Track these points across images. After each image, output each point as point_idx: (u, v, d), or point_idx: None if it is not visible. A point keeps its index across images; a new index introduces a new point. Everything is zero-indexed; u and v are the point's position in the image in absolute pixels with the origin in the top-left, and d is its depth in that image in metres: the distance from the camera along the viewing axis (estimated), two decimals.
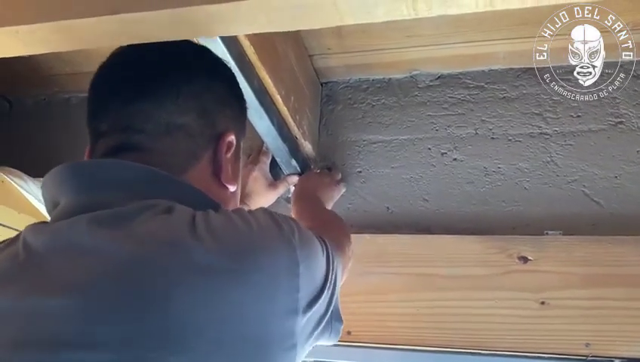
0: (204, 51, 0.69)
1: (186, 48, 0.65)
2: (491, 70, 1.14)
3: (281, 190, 1.11)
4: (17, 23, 0.55)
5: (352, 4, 0.46)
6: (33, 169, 1.14)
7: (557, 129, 1.07)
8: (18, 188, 1.03)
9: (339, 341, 1.02)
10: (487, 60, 1.12)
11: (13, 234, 0.99)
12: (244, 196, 1.06)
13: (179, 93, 0.61)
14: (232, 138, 0.64)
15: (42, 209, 1.06)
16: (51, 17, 0.54)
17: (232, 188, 0.66)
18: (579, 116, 1.06)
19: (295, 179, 1.13)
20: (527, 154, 1.07)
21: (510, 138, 1.09)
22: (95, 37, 0.54)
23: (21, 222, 1.02)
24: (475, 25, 1.05)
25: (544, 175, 1.05)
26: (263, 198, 1.08)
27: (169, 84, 0.61)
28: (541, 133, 1.07)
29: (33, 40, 0.55)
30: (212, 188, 0.63)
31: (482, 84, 1.14)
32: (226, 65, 0.71)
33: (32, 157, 1.30)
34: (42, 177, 1.10)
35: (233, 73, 0.72)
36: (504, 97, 1.12)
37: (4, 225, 0.99)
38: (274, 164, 1.12)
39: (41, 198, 1.05)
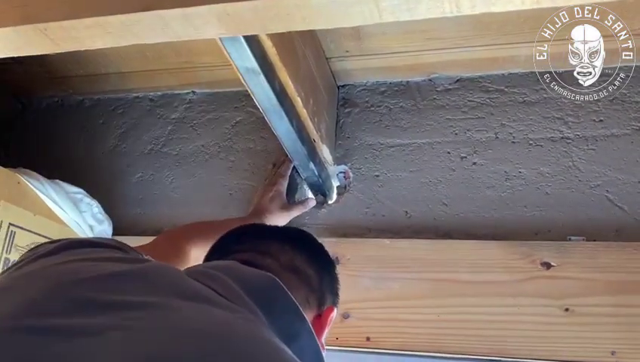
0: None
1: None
2: (511, 74, 1.13)
3: (294, 213, 1.11)
4: (46, 20, 0.54)
5: (393, 1, 0.45)
6: (47, 170, 1.14)
7: (579, 133, 1.05)
8: (34, 189, 1.02)
9: (357, 347, 1.01)
10: (507, 64, 1.11)
11: (29, 235, 1.00)
12: (260, 211, 1.07)
13: (310, 255, 0.70)
14: (334, 313, 0.69)
15: (58, 211, 1.05)
16: (81, 14, 0.53)
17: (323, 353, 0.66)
18: (601, 120, 1.05)
19: (312, 203, 1.13)
20: (548, 159, 1.05)
21: (531, 142, 1.07)
22: (128, 34, 0.53)
23: (37, 224, 1.01)
24: (496, 28, 1.03)
25: (566, 180, 1.03)
26: (276, 219, 1.08)
27: (308, 247, 0.73)
28: (563, 138, 1.06)
29: (63, 37, 0.54)
30: None
31: (502, 87, 1.12)
32: None
33: (46, 159, 1.30)
34: (56, 179, 1.11)
35: None
36: (524, 101, 1.10)
37: (20, 227, 0.98)
38: (290, 187, 1.14)
39: (57, 200, 1.05)
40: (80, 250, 0.56)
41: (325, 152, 1.11)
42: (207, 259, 0.72)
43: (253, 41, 0.79)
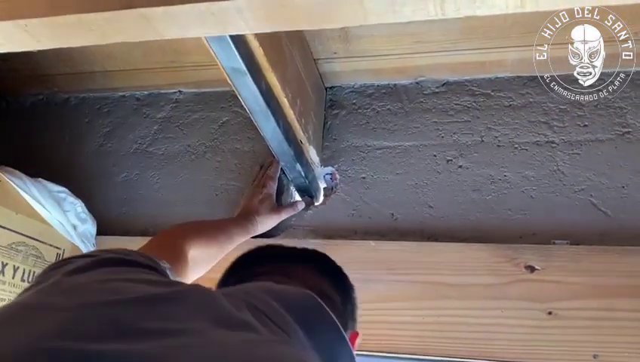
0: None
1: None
2: (497, 78, 1.13)
3: (284, 216, 1.10)
4: (27, 16, 0.54)
5: (378, 2, 0.45)
6: (31, 169, 1.12)
7: (564, 138, 1.06)
8: (16, 188, 1.00)
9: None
10: (494, 68, 1.11)
11: (10, 235, 0.98)
12: (250, 213, 1.06)
13: (333, 279, 0.69)
14: (359, 340, 0.67)
15: (40, 210, 1.04)
16: (62, 11, 0.52)
17: None
18: (586, 125, 1.06)
19: (302, 206, 1.13)
20: (533, 163, 1.06)
21: (516, 146, 1.08)
22: (111, 32, 0.53)
23: (19, 224, 0.99)
24: (483, 32, 1.04)
25: (551, 184, 1.04)
26: (266, 221, 1.07)
27: (331, 271, 0.72)
28: (548, 142, 1.07)
29: (44, 34, 0.54)
30: None
31: (488, 91, 1.13)
32: None
33: (30, 158, 1.28)
34: (40, 177, 1.10)
35: None
36: (510, 105, 1.11)
37: (1, 226, 0.96)
38: (277, 188, 1.13)
39: (40, 199, 1.04)
40: (115, 268, 0.54)
41: (312, 154, 1.10)
42: (225, 278, 0.69)
43: (239, 41, 0.79)
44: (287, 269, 0.67)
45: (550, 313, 0.93)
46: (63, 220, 1.06)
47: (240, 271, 0.69)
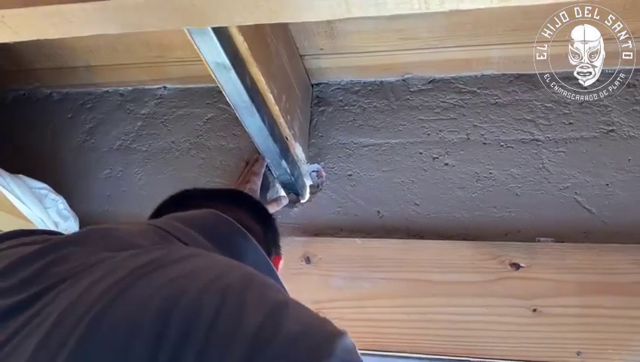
0: None
1: None
2: (484, 75, 1.13)
3: (269, 211, 1.09)
4: (4, 6, 0.52)
5: None
6: (12, 165, 1.10)
7: (549, 135, 1.06)
8: None
9: None
10: (480, 65, 1.11)
11: None
12: None
13: (252, 212, 0.76)
14: (282, 263, 0.75)
15: (20, 206, 1.02)
16: (41, 2, 0.51)
17: None
18: (571, 123, 1.06)
19: (285, 201, 1.12)
20: (519, 161, 1.06)
21: (502, 144, 1.08)
22: (90, 24, 0.52)
23: None
24: (469, 29, 1.04)
25: (536, 181, 1.04)
26: None
27: (249, 204, 0.78)
28: (533, 140, 1.07)
29: (22, 26, 0.52)
30: None
31: (475, 89, 1.13)
32: None
33: (11, 154, 1.26)
34: (21, 174, 1.08)
35: None
36: (496, 103, 1.11)
37: None
38: (262, 185, 1.12)
39: (20, 195, 1.02)
40: (12, 240, 0.56)
41: (298, 150, 1.10)
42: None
43: (223, 35, 0.78)
44: (205, 206, 0.71)
45: (535, 310, 0.93)
46: (44, 217, 1.04)
47: (161, 213, 0.73)
